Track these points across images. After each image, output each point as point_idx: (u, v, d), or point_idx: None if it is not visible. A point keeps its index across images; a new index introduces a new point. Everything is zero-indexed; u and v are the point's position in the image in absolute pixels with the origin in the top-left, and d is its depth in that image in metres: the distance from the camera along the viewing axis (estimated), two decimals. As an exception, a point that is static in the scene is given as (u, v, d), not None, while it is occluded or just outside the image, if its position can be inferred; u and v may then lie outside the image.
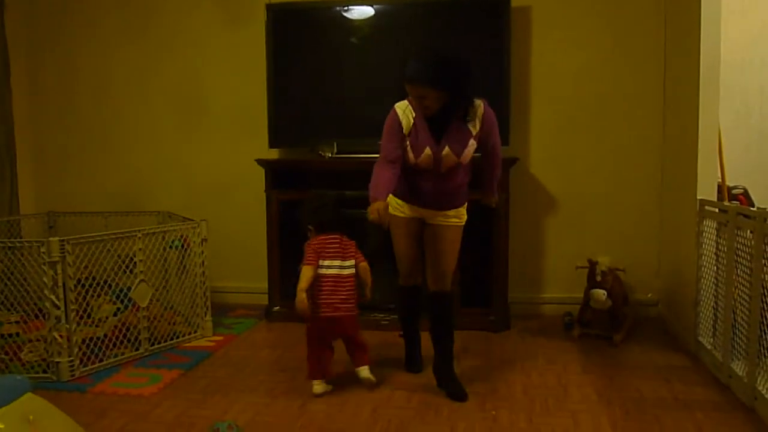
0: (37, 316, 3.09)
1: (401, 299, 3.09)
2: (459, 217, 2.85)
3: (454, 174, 2.75)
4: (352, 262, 2.84)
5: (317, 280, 2.77)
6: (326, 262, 2.79)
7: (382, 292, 3.88)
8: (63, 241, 2.92)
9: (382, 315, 3.76)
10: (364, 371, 2.85)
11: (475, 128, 2.70)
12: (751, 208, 2.64)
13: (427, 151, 2.67)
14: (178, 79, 4.34)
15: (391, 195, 2.73)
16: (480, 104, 2.70)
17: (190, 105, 4.33)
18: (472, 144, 2.71)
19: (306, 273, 2.75)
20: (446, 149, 2.67)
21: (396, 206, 2.85)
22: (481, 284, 3.60)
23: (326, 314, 2.77)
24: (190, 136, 4.35)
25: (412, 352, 3.13)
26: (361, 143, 3.81)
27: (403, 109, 2.69)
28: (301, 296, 2.71)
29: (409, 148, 2.69)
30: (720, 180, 3.38)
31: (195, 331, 3.56)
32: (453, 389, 2.77)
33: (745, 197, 3.48)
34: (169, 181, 4.39)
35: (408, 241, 2.90)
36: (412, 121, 2.68)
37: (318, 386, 2.79)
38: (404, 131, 2.67)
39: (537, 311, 3.97)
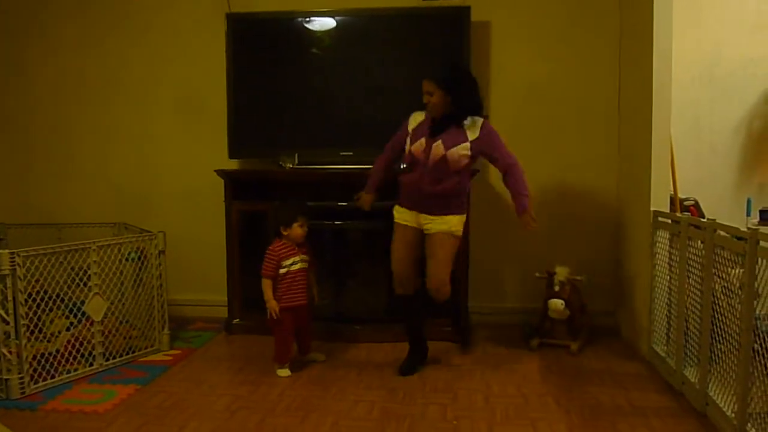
0: (-15, 332, 2.99)
1: (399, 308, 3.30)
2: (447, 224, 3.05)
3: (442, 175, 3.01)
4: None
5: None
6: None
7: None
8: (13, 253, 2.83)
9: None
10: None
11: (473, 135, 3.01)
12: (702, 219, 2.72)
13: (422, 140, 3.04)
14: (135, 88, 4.27)
15: (396, 206, 3.17)
16: (480, 119, 3.05)
17: (147, 114, 4.27)
18: (465, 147, 2.99)
19: None
20: (438, 142, 3.00)
21: (397, 214, 3.17)
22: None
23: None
24: (148, 146, 4.28)
25: (410, 357, 3.24)
26: (323, 154, 3.80)
27: (415, 114, 3.15)
28: None
29: (408, 139, 3.10)
30: (672, 192, 3.47)
31: (152, 345, 3.48)
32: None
33: (696, 209, 3.58)
34: (126, 191, 4.30)
35: (401, 248, 3.14)
36: (419, 121, 3.12)
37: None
38: (408, 128, 3.13)
39: (497, 321, 4.00)
